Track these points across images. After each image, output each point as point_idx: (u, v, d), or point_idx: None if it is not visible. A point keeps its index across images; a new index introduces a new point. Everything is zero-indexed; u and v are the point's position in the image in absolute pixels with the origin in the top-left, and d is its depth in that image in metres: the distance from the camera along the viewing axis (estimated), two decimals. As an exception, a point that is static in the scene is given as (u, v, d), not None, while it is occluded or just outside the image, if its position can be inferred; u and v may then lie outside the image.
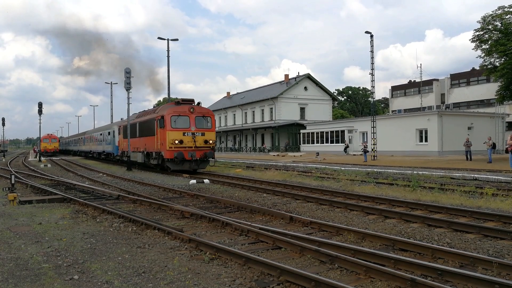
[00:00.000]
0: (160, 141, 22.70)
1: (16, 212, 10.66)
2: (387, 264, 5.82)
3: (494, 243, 7.05)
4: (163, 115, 22.36)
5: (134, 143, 28.48)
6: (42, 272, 5.79)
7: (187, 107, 22.68)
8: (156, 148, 23.45)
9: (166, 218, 9.89)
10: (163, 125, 22.26)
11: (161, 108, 24.69)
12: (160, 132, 22.72)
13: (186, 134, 22.19)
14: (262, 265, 5.67)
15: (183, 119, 22.46)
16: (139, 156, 27.41)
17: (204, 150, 22.42)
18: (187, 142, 22.01)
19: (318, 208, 10.90)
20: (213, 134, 23.43)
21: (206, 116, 23.24)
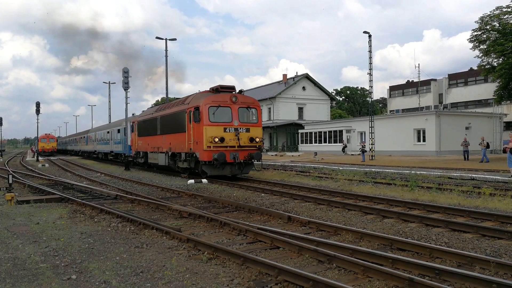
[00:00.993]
0: (194, 139, 18.24)
1: (14, 212, 10.64)
2: (385, 263, 5.83)
3: (492, 243, 7.06)
4: (199, 106, 17.84)
5: (153, 141, 24.19)
6: (40, 272, 5.78)
7: (228, 96, 18.11)
8: (187, 148, 18.97)
9: (164, 218, 9.88)
10: (198, 119, 17.75)
11: (193, 98, 19.62)
12: (194, 128, 18.31)
13: (228, 130, 17.71)
14: (260, 265, 5.67)
15: (224, 111, 17.99)
16: (161, 157, 22.62)
17: (250, 150, 17.99)
18: (228, 140, 17.57)
19: (316, 208, 10.91)
20: (260, 130, 18.93)
21: (251, 108, 18.68)
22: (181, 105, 20.55)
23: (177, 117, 20.53)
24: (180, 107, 20.55)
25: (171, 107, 22.23)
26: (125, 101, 29.39)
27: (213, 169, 17.69)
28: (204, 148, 17.31)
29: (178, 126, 20.22)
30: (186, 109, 19.29)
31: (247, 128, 18.15)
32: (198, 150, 17.87)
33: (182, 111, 19.90)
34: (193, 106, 18.56)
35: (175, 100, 24.09)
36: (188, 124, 18.93)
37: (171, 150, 21.30)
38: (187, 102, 19.95)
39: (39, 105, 43.05)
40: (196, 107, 18.09)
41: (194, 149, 18.35)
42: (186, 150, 19.16)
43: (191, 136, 18.58)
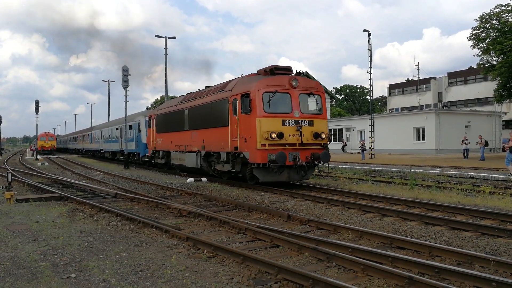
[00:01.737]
0: (242, 135, 14.22)
1: (13, 211, 10.63)
2: (384, 262, 5.83)
3: (491, 241, 7.06)
4: (249, 92, 13.83)
5: (179, 139, 20.20)
6: (39, 270, 5.77)
7: (287, 79, 14.05)
8: (230, 146, 14.95)
9: (163, 216, 9.88)
10: (248, 109, 13.65)
11: (238, 82, 15.26)
12: (241, 121, 14.23)
13: (287, 123, 13.65)
14: (259, 264, 5.67)
15: (282, 99, 13.98)
16: (190, 158, 18.64)
17: (314, 149, 13.99)
18: (288, 136, 13.55)
19: (315, 206, 10.91)
20: (325, 123, 14.86)
21: (315, 94, 14.66)
22: (220, 92, 16.18)
23: (214, 108, 16.32)
24: (218, 95, 16.23)
25: (204, 95, 17.84)
26: (125, 99, 29.39)
27: (268, 174, 13.78)
28: (258, 146, 13.30)
29: (216, 119, 16.08)
30: (229, 97, 15.12)
31: (310, 121, 14.11)
32: (248, 149, 13.81)
33: (222, 100, 15.69)
34: (239, 92, 14.36)
35: (205, 88, 19.15)
36: (231, 116, 14.82)
37: (204, 149, 17.25)
38: (229, 88, 15.56)
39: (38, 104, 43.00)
40: (245, 94, 13.94)
41: (241, 147, 14.25)
42: (229, 149, 15.07)
43: (236, 131, 14.51)
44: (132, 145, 30.42)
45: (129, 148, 30.67)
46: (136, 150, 29.69)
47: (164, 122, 22.46)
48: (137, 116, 30.68)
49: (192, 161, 18.57)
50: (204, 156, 17.59)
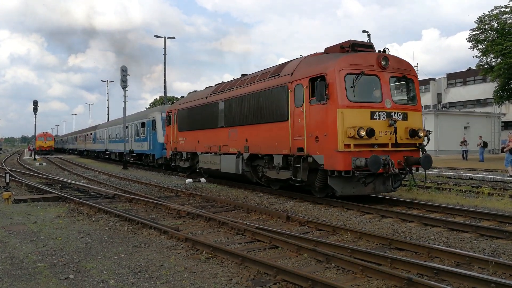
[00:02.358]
0: (311, 132, 10.88)
1: (11, 211, 10.60)
2: (383, 263, 5.83)
3: (490, 242, 7.06)
4: (324, 74, 10.51)
5: (209, 138, 16.73)
6: (37, 271, 5.76)
7: (374, 57, 10.76)
8: (291, 147, 11.61)
9: (162, 217, 9.86)
10: (323, 96, 10.29)
11: (303, 62, 11.94)
12: (310, 113, 10.95)
13: (377, 116, 10.41)
14: (258, 265, 5.66)
15: (369, 83, 10.84)
16: (228, 161, 15.04)
17: (407, 151, 10.82)
18: (378, 133, 10.32)
19: (315, 207, 10.90)
20: (420, 117, 11.64)
21: (408, 78, 11.39)
22: (273, 78, 12.86)
23: (264, 99, 12.96)
24: (270, 82, 12.92)
25: (248, 84, 14.39)
26: (123, 99, 29.35)
27: (348, 185, 10.52)
28: (339, 147, 9.99)
29: (267, 112, 12.80)
30: (288, 83, 11.80)
31: (403, 113, 10.82)
32: (323, 150, 10.48)
33: (276, 87, 12.38)
34: (307, 75, 11.08)
35: (245, 76, 15.79)
36: (293, 107, 11.58)
37: (248, 151, 13.91)
38: (287, 71, 12.21)
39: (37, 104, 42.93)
40: (318, 77, 10.59)
41: (309, 149, 10.90)
42: (288, 151, 11.76)
43: (301, 127, 11.20)
44: (145, 146, 26.70)
45: (142, 149, 27.34)
46: (150, 151, 25.88)
47: (189, 118, 18.88)
48: (151, 112, 26.68)
49: (230, 165, 14.91)
50: (247, 160, 14.12)
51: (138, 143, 28.14)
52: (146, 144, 26.72)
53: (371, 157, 9.72)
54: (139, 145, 27.94)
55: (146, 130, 26.72)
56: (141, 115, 28.84)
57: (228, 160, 15.13)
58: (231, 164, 14.92)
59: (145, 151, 26.91)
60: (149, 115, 26.88)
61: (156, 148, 24.99)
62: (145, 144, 26.85)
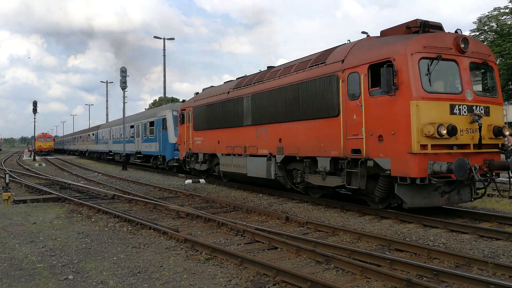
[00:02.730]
0: (372, 130, 9.19)
1: (11, 212, 10.59)
2: (383, 264, 5.84)
3: (490, 244, 7.07)
4: (391, 58, 8.86)
5: (234, 137, 14.95)
6: (37, 272, 5.75)
7: (451, 39, 9.05)
8: (344, 147, 9.88)
9: (161, 218, 9.86)
10: (391, 86, 8.62)
11: (356, 46, 10.29)
12: (370, 106, 9.26)
13: (457, 111, 8.79)
14: (258, 265, 5.67)
15: (446, 70, 9.20)
16: (257, 165, 13.31)
17: (488, 153, 9.26)
18: (459, 131, 8.65)
19: (314, 208, 10.90)
20: (502, 112, 9.88)
21: (489, 65, 9.77)
22: (317, 66, 11.00)
23: (305, 91, 11.15)
24: (313, 71, 11.07)
25: (281, 75, 12.57)
26: (123, 100, 29.36)
27: (420, 195, 8.80)
28: (414, 149, 8.32)
29: (310, 106, 11.00)
30: (339, 72, 10.06)
31: (485, 107, 9.19)
32: (389, 152, 8.76)
33: (322, 77, 10.61)
34: (366, 61, 9.36)
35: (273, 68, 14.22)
36: (345, 100, 9.84)
37: (282, 153, 12.16)
38: (336, 58, 10.45)
39: (36, 104, 42.91)
40: (383, 62, 8.87)
41: (370, 150, 9.12)
42: (339, 153, 10.00)
43: (358, 124, 9.44)
44: (154, 146, 24.69)
45: (150, 150, 25.40)
46: (159, 152, 23.93)
47: (207, 116, 17.02)
48: (161, 111, 24.63)
49: (259, 169, 13.21)
50: (280, 163, 12.38)
51: (146, 144, 26.08)
52: (155, 144, 24.60)
53: (457, 161, 7.98)
54: (147, 145, 25.83)
55: (155, 130, 24.75)
56: (150, 114, 26.98)
57: (257, 163, 13.36)
58: (260, 168, 13.16)
59: (154, 152, 24.83)
60: (158, 114, 24.78)
61: (167, 149, 22.89)
62: (154, 144, 24.73)
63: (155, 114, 25.61)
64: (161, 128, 23.61)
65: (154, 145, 24.72)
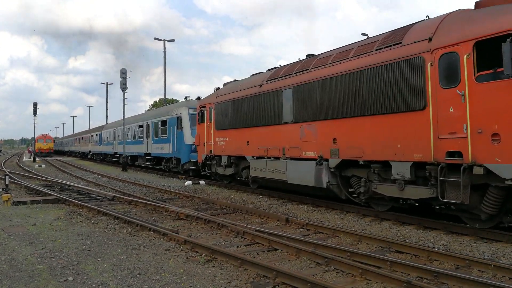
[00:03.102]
0: (479, 126, 7.17)
1: (10, 213, 10.59)
2: (383, 266, 5.83)
3: (490, 245, 7.06)
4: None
5: (268, 137, 12.99)
6: (36, 273, 5.75)
7: None
8: (434, 150, 7.93)
9: (161, 219, 9.86)
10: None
11: (449, 19, 8.26)
12: (483, 96, 7.18)
13: None
14: (258, 267, 5.67)
15: None
16: (303, 170, 11.24)
17: None
18: None
19: (314, 210, 10.89)
20: None
21: None
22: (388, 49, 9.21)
23: (372, 79, 9.32)
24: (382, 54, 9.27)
25: (334, 62, 10.69)
26: (123, 101, 29.37)
27: None
28: None
29: (381, 98, 9.09)
30: (425, 53, 8.22)
31: None
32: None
33: (398, 61, 8.77)
34: (469, 37, 7.48)
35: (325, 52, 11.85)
36: (436, 89, 7.96)
37: (338, 156, 10.21)
38: (418, 36, 8.59)
39: (36, 106, 42.98)
40: (503, 36, 6.98)
41: (478, 153, 7.22)
42: (428, 156, 8.06)
43: (461, 118, 7.49)
44: (166, 148, 22.44)
45: (161, 152, 23.12)
46: (173, 154, 21.63)
47: (233, 113, 14.95)
48: (175, 108, 22.34)
49: (306, 175, 11.11)
50: (335, 168, 10.38)
51: (157, 145, 23.69)
52: (168, 146, 22.34)
53: None
54: (158, 147, 23.49)
55: (168, 130, 22.39)
56: (161, 112, 24.60)
57: (301, 168, 11.25)
58: (306, 174, 11.03)
59: (167, 154, 22.53)
60: (172, 112, 22.39)
61: (182, 151, 20.48)
62: (167, 146, 22.44)
63: (168, 112, 23.15)
64: (176, 128, 21.30)
65: (167, 146, 22.40)
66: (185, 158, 20.34)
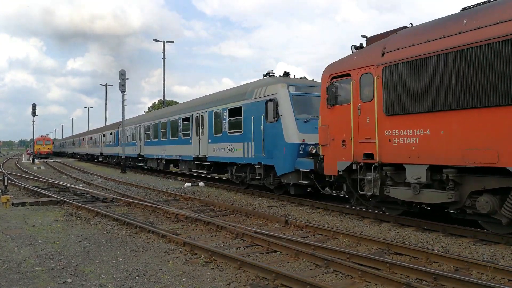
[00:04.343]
0: None
1: (9, 215, 10.57)
2: (382, 268, 5.83)
3: (489, 247, 7.06)
4: None
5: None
6: (35, 275, 5.74)
7: None
8: None
9: (160, 221, 9.85)
10: None
11: None
12: None
13: None
14: (257, 269, 5.66)
15: None
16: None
17: None
18: None
19: (313, 211, 10.89)
20: None
21: None
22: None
23: None
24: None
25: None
26: (122, 103, 29.38)
27: None
28: None
29: None
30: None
31: None
32: None
33: None
34: None
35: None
36: None
37: None
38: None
39: (35, 107, 42.96)
40: None
41: None
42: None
43: None
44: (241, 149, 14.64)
45: (229, 155, 15.32)
46: (255, 159, 13.82)
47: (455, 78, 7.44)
48: (259, 88, 14.06)
49: None
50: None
51: (220, 145, 16.06)
52: (243, 146, 14.50)
53: None
54: (221, 147, 15.91)
55: (244, 122, 14.52)
56: (226, 96, 16.54)
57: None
58: None
59: (240, 158, 14.69)
60: (253, 93, 14.18)
61: (278, 154, 12.72)
62: (242, 146, 14.59)
63: (242, 95, 14.85)
64: (263, 118, 13.45)
65: (242, 146, 14.56)
66: (286, 165, 12.35)
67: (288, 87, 12.99)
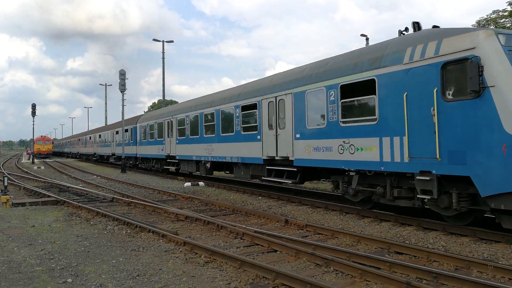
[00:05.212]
0: None
1: (9, 215, 10.56)
2: (382, 267, 5.83)
3: (489, 246, 7.06)
4: None
5: None
6: (35, 275, 5.73)
7: None
8: None
9: (160, 220, 9.84)
10: None
11: None
12: None
13: None
14: (257, 268, 5.66)
15: None
16: None
17: None
18: None
19: (313, 211, 10.89)
20: None
21: None
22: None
23: None
24: None
25: None
26: (122, 103, 29.38)
27: None
28: None
29: None
30: None
31: None
32: None
33: None
34: None
35: None
36: None
37: None
38: None
39: (35, 107, 42.93)
40: None
41: None
42: None
43: None
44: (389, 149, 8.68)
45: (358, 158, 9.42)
46: (424, 165, 7.91)
47: None
48: (420, 44, 8.21)
49: None
50: None
51: (314, 143, 10.94)
52: (375, 144, 9.08)
53: None
54: (317, 146, 10.84)
55: (377, 104, 9.01)
56: (332, 66, 10.69)
57: None
58: None
59: (371, 163, 9.16)
60: (407, 54, 8.45)
61: (476, 158, 7.14)
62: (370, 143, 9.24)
63: (377, 59, 9.20)
64: (435, 94, 7.76)
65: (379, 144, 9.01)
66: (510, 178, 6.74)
67: (498, 36, 7.37)
